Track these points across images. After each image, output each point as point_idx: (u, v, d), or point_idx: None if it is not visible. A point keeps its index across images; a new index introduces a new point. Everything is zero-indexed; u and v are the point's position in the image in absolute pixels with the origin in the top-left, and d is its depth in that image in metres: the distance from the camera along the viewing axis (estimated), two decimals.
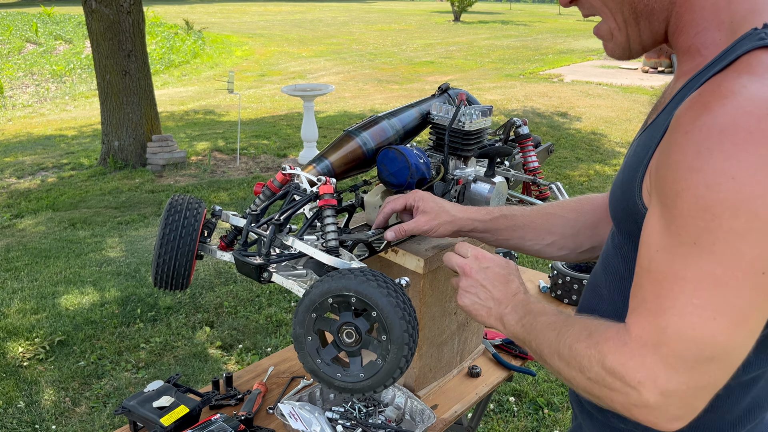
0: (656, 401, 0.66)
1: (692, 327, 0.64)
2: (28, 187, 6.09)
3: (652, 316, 0.67)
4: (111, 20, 6.09)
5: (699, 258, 0.63)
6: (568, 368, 0.77)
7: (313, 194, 1.11)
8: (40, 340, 3.16)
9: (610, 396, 0.71)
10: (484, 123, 1.40)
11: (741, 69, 0.65)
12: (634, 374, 0.67)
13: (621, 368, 0.69)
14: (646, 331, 0.67)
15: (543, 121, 8.22)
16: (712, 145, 0.61)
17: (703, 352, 0.64)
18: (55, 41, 14.81)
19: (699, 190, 0.62)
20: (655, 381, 0.66)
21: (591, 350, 0.73)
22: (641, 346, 0.68)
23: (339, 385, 0.97)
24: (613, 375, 0.70)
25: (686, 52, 0.78)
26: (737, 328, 0.64)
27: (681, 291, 0.65)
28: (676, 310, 0.65)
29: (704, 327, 0.63)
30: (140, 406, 1.26)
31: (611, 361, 0.70)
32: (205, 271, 3.96)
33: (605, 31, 0.82)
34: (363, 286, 0.91)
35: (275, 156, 6.91)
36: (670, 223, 0.66)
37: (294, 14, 25.99)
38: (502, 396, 2.77)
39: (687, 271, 0.64)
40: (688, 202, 0.63)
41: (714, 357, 0.64)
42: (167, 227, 1.08)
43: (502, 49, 16.64)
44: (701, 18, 0.74)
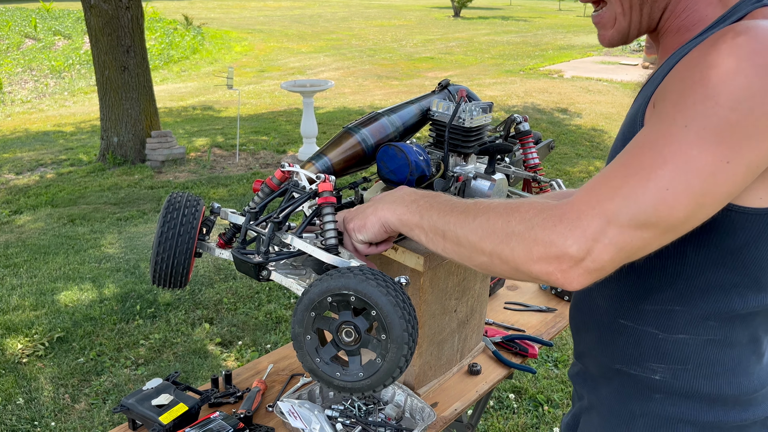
0: (578, 250, 0.68)
1: (645, 191, 0.66)
2: (27, 183, 6.08)
3: (609, 179, 0.70)
4: (110, 16, 6.07)
5: (683, 139, 0.66)
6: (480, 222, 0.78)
7: (312, 192, 1.10)
8: (39, 337, 3.15)
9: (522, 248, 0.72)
10: (485, 120, 1.39)
11: (749, 18, 0.72)
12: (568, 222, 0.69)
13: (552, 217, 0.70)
14: (592, 192, 0.70)
15: (543, 118, 8.21)
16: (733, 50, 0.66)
17: (642, 216, 0.67)
18: (54, 37, 14.77)
19: (711, 81, 0.66)
20: (586, 230, 0.68)
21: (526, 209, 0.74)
22: (583, 202, 0.69)
23: (338, 385, 0.97)
24: (539, 225, 0.71)
25: (674, 32, 0.83)
26: (684, 207, 0.66)
27: (652, 161, 0.67)
28: (638, 176, 0.67)
29: (656, 193, 0.66)
30: (139, 404, 1.25)
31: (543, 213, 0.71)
32: (204, 267, 3.96)
33: (609, 17, 0.86)
34: (362, 285, 0.91)
35: (274, 152, 6.90)
36: (666, 114, 0.69)
37: (293, 10, 25.93)
38: (502, 393, 2.77)
39: (665, 148, 0.67)
40: (697, 93, 0.66)
41: (649, 225, 0.67)
42: (165, 225, 1.07)
43: (502, 44, 16.61)
44: (695, 2, 0.81)
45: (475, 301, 1.48)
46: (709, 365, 0.84)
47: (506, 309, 1.80)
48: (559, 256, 0.69)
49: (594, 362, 0.97)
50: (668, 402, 0.87)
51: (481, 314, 1.54)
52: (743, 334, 0.84)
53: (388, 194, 0.98)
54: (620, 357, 0.90)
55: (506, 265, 0.75)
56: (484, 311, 1.55)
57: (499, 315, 1.76)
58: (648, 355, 0.87)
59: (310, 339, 0.96)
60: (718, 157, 0.65)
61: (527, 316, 1.76)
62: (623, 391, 0.91)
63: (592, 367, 0.98)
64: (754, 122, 0.64)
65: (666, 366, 0.86)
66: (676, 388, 0.86)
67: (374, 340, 0.94)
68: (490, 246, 0.76)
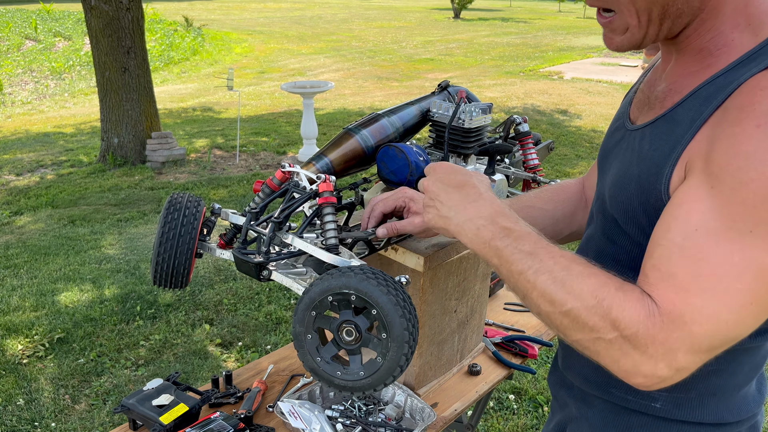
0: (667, 375, 0.68)
1: (731, 310, 0.65)
2: (27, 184, 6.09)
3: (686, 293, 0.66)
4: (110, 17, 6.08)
5: (752, 246, 0.63)
6: (564, 296, 0.73)
7: (313, 192, 1.10)
8: (39, 338, 3.16)
9: (608, 353, 0.71)
10: (484, 120, 1.39)
11: None
12: (657, 347, 0.67)
13: (644, 337, 0.67)
14: (678, 307, 0.67)
15: (543, 119, 8.21)
16: None
17: (729, 335, 0.66)
18: (54, 38, 14.77)
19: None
20: (675, 358, 0.67)
21: (608, 295, 0.70)
22: (671, 322, 0.67)
23: (339, 384, 0.97)
24: (628, 338, 0.68)
25: (695, 53, 0.77)
26: (760, 318, 0.66)
27: (725, 273, 0.64)
28: (716, 293, 0.65)
29: (743, 310, 0.65)
30: (139, 405, 1.26)
31: (631, 326, 0.68)
32: (204, 268, 3.96)
33: (619, 25, 0.79)
34: (363, 284, 0.91)
35: (275, 153, 6.91)
36: (724, 207, 0.65)
37: (293, 11, 25.94)
38: (501, 394, 2.77)
39: (734, 255, 0.64)
40: (756, 192, 0.63)
41: (737, 338, 0.67)
42: (166, 225, 1.07)
43: (502, 46, 16.61)
44: (721, 22, 0.75)
45: (475, 302, 1.48)
46: (712, 394, 0.83)
47: (506, 309, 1.81)
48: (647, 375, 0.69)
49: (586, 381, 0.93)
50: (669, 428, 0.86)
51: (481, 315, 1.54)
52: (747, 363, 0.83)
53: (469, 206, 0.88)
54: (617, 382, 0.86)
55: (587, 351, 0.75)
56: (484, 312, 1.56)
57: (499, 315, 1.77)
58: None
59: (311, 338, 0.96)
60: None
61: (527, 317, 1.76)
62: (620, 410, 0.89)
63: (583, 384, 0.94)
64: None
65: (668, 394, 0.84)
66: (678, 416, 0.85)
67: (375, 339, 0.94)
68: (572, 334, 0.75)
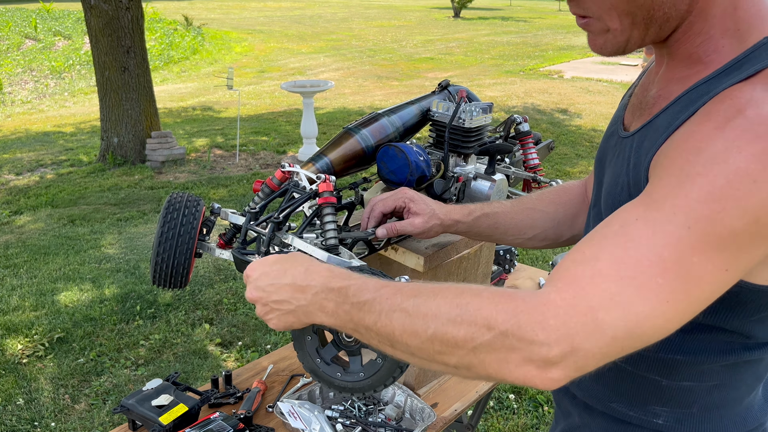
0: (566, 363, 0.63)
1: (645, 303, 0.62)
2: (27, 183, 6.08)
3: (602, 278, 0.63)
4: (110, 16, 6.07)
5: (685, 243, 0.61)
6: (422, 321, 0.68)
7: (313, 192, 1.10)
8: (39, 337, 3.15)
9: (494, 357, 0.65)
10: (485, 120, 1.39)
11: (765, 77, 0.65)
12: (549, 333, 0.62)
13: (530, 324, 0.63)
14: (587, 291, 0.63)
15: (543, 118, 8.21)
16: (743, 144, 0.61)
17: (636, 330, 0.62)
18: (54, 37, 14.77)
19: (717, 180, 0.61)
20: (573, 343, 0.62)
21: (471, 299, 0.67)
22: (572, 306, 0.63)
23: (339, 385, 0.97)
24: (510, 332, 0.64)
25: (685, 59, 0.76)
26: (681, 319, 0.63)
27: (650, 264, 0.62)
28: (635, 282, 0.62)
29: (657, 307, 0.62)
30: (139, 405, 1.25)
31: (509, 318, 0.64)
32: (204, 268, 3.96)
33: (598, 28, 0.77)
34: None
35: (275, 152, 6.90)
36: (667, 199, 0.64)
37: (293, 10, 25.93)
38: (501, 393, 2.77)
39: (665, 250, 0.62)
40: (701, 188, 0.62)
41: (643, 336, 0.63)
42: (166, 225, 1.07)
43: (501, 45, 16.61)
44: (710, 26, 0.72)
45: None
46: (715, 408, 0.82)
47: None
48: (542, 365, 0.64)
49: (588, 394, 0.92)
50: None
51: None
52: (750, 374, 0.81)
53: None
54: (618, 397, 0.86)
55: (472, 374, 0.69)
56: None
57: None
58: (650, 398, 0.83)
59: (311, 339, 0.96)
60: (719, 266, 0.62)
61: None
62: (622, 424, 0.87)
63: (584, 396, 0.93)
64: (758, 231, 0.61)
65: (670, 410, 0.83)
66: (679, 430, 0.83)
67: None
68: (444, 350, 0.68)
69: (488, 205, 1.14)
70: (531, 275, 2.01)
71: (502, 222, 1.12)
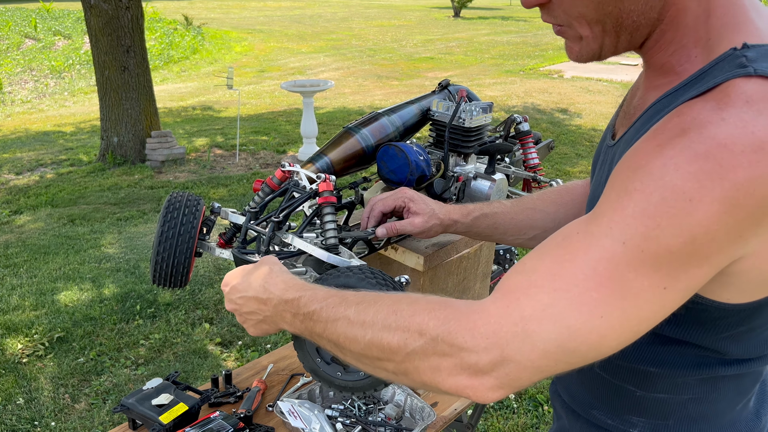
0: (497, 373, 0.63)
1: (578, 316, 0.61)
2: (27, 183, 6.08)
3: (537, 289, 0.63)
4: (110, 16, 6.07)
5: (621, 259, 0.60)
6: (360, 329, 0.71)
7: (313, 191, 1.10)
8: (39, 337, 3.15)
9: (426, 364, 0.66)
10: (485, 120, 1.39)
11: (720, 99, 0.61)
12: (479, 340, 0.62)
13: (460, 330, 0.63)
14: (521, 302, 0.63)
15: (543, 118, 8.21)
16: (681, 163, 0.59)
17: (568, 344, 0.61)
18: (54, 37, 14.76)
19: (653, 197, 0.59)
20: (503, 352, 0.62)
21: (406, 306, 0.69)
22: (505, 315, 0.63)
23: (339, 384, 0.97)
24: (440, 337, 0.64)
25: (659, 68, 0.75)
26: (617, 335, 0.62)
27: (585, 278, 0.61)
28: (569, 295, 0.61)
29: (589, 321, 0.60)
30: (139, 404, 1.25)
31: (440, 324, 0.65)
32: (204, 267, 3.96)
33: (572, 35, 0.76)
34: (362, 284, 0.91)
35: (274, 152, 6.90)
36: (606, 214, 0.63)
37: (293, 10, 25.93)
38: None
39: (599, 264, 0.61)
40: (636, 204, 0.60)
41: (576, 352, 0.62)
42: (166, 224, 1.07)
43: (501, 45, 16.61)
44: (682, 35, 0.71)
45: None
46: (692, 421, 0.80)
47: None
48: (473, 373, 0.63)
49: (573, 399, 0.92)
50: None
51: None
52: (731, 389, 0.79)
53: None
54: (599, 404, 0.86)
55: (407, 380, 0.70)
56: None
57: None
58: (627, 408, 0.82)
59: None
60: (656, 284, 0.60)
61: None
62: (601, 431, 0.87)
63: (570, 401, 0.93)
64: (695, 250, 0.59)
65: (646, 420, 0.81)
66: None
67: None
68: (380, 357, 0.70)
69: (488, 205, 1.14)
70: None
71: (501, 222, 1.12)
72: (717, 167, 0.57)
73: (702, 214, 0.57)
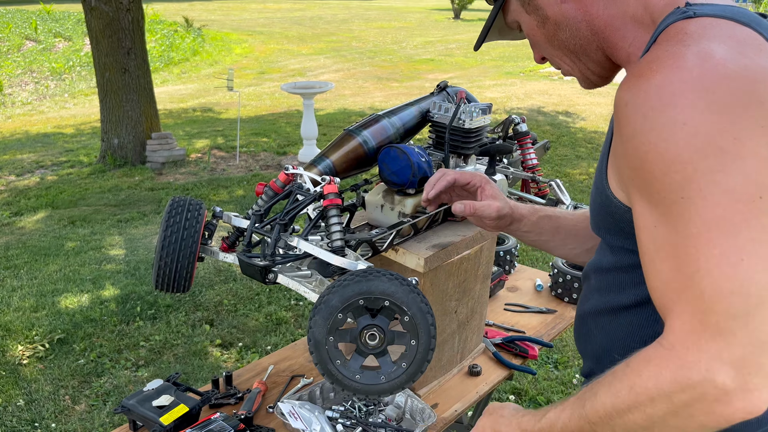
0: (733, 379, 0.58)
1: (726, 278, 0.58)
2: (27, 184, 6.09)
3: (682, 292, 0.61)
4: (110, 18, 6.08)
5: (695, 208, 0.60)
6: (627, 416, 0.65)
7: (317, 194, 1.10)
8: (39, 338, 3.15)
9: (690, 414, 0.60)
10: (484, 121, 1.39)
11: (662, 40, 0.69)
12: (696, 368, 0.59)
13: (680, 373, 0.59)
14: (685, 312, 0.60)
15: (543, 119, 8.22)
16: (653, 103, 0.62)
17: (748, 300, 0.58)
18: (54, 39, 14.77)
19: (659, 146, 0.61)
20: (720, 357, 0.58)
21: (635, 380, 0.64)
22: (687, 333, 0.60)
23: (357, 388, 0.96)
24: (677, 388, 0.60)
25: (628, 62, 0.82)
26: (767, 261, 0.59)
27: (696, 249, 0.59)
28: (702, 271, 0.59)
29: (737, 273, 0.58)
30: (140, 405, 1.26)
31: (666, 375, 0.60)
32: (205, 269, 3.96)
33: (567, 71, 0.90)
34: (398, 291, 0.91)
35: (275, 154, 6.91)
36: (650, 195, 0.64)
37: (294, 11, 25.94)
38: (502, 394, 2.77)
39: (690, 226, 0.60)
40: (656, 162, 0.62)
41: (761, 301, 0.58)
42: (168, 229, 1.07)
43: (501, 46, 16.61)
44: (624, 29, 0.79)
45: (476, 303, 1.48)
46: None
47: (506, 310, 1.81)
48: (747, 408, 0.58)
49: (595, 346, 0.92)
50: None
51: (482, 315, 1.54)
52: None
53: None
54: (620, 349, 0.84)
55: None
56: (485, 312, 1.56)
57: (499, 316, 1.77)
58: None
59: (333, 340, 0.95)
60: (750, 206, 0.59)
61: (527, 318, 1.76)
62: None
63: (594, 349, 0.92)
64: None
65: None
66: None
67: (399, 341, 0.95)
68: None
69: (551, 209, 1.12)
70: (530, 276, 2.02)
71: (564, 226, 1.09)
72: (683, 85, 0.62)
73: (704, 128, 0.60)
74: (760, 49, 0.64)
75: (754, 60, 0.62)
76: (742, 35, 0.65)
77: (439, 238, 1.30)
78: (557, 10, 0.82)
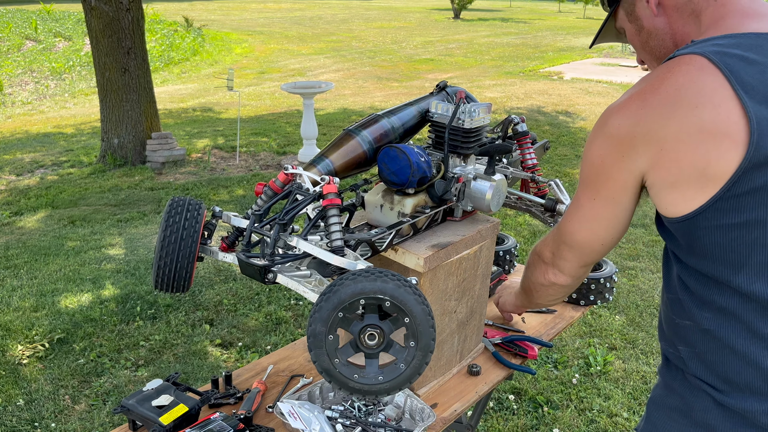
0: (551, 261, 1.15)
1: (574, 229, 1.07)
2: (28, 184, 6.09)
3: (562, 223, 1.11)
4: (110, 17, 6.08)
5: (581, 193, 1.02)
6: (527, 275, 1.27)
7: (317, 194, 1.10)
8: (39, 338, 3.16)
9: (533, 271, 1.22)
10: (484, 120, 1.39)
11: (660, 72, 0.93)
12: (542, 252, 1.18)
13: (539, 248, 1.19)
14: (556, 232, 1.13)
15: (543, 119, 8.22)
16: None
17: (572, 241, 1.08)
18: (54, 38, 14.77)
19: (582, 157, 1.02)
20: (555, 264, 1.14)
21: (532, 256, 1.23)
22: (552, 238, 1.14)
23: (354, 387, 0.96)
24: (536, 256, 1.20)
25: None
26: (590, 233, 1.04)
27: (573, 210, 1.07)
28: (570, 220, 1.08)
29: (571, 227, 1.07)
30: (139, 405, 1.26)
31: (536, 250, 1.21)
32: (204, 269, 3.96)
33: None
34: (399, 291, 0.91)
35: (275, 154, 6.91)
36: None
37: (294, 11, 25.95)
38: (501, 394, 2.77)
39: (576, 200, 1.05)
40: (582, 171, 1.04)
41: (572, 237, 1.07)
42: (168, 229, 1.07)
43: (501, 46, 16.62)
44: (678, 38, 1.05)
45: (475, 302, 1.48)
46: (711, 353, 0.92)
47: None
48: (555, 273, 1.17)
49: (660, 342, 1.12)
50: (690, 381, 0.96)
51: (481, 315, 1.54)
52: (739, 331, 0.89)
53: None
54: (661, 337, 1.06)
55: None
56: (484, 312, 1.56)
57: (499, 316, 1.77)
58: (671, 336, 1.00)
59: (332, 339, 0.95)
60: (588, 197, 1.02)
61: (527, 317, 1.76)
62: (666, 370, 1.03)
63: None
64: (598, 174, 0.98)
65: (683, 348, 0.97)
66: (692, 370, 0.95)
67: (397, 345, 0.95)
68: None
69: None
70: None
71: None
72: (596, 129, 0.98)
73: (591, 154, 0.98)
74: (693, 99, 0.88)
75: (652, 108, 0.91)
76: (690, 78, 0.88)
77: (439, 237, 1.30)
78: (651, 22, 1.04)
